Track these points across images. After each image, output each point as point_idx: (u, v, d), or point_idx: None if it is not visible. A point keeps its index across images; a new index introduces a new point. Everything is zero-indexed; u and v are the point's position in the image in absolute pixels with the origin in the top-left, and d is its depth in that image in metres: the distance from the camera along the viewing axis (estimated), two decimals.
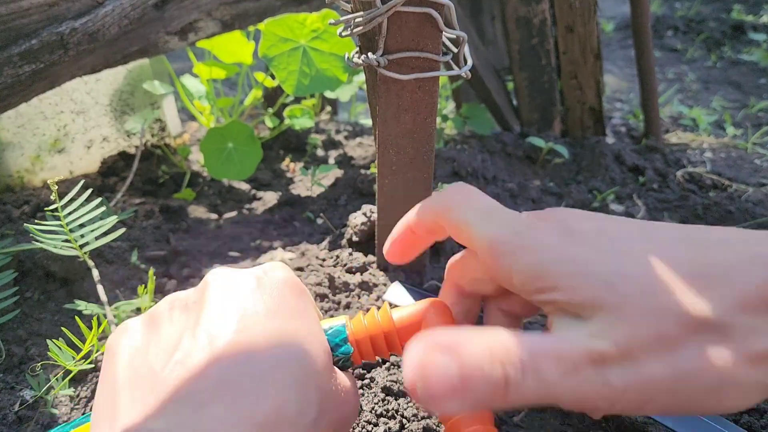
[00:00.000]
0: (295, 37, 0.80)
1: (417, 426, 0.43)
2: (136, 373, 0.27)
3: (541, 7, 0.96)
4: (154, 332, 0.30)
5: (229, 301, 0.29)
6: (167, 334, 0.29)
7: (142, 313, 0.32)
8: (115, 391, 0.27)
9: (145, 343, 0.29)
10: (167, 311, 0.31)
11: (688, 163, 1.06)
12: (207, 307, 0.29)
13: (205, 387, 0.25)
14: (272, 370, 0.26)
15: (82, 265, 0.64)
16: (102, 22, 0.62)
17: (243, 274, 0.31)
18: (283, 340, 0.28)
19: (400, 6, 0.40)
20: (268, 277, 0.31)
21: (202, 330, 0.28)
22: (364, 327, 0.34)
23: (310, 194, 0.92)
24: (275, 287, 0.31)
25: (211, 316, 0.28)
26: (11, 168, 0.87)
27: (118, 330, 0.31)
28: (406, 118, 0.48)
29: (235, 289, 0.30)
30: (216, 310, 0.29)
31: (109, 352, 0.30)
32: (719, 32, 2.10)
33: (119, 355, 0.29)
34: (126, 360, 0.28)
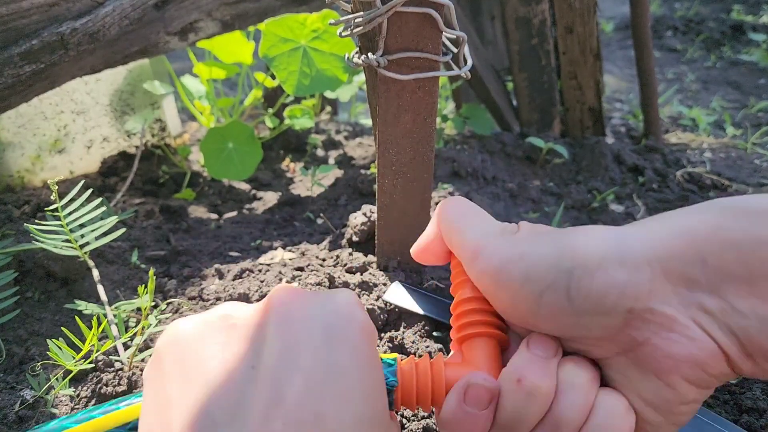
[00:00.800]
0: (296, 37, 0.80)
1: (417, 426, 0.43)
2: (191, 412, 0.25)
3: (541, 7, 0.96)
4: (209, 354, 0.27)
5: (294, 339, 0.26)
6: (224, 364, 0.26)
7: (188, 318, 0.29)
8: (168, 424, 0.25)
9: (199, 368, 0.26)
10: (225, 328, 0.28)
11: (688, 163, 1.06)
12: (269, 339, 0.26)
13: None
14: None
15: (83, 265, 0.64)
16: (102, 22, 0.62)
17: (313, 305, 0.28)
18: (350, 405, 0.25)
19: (400, 6, 0.40)
20: (342, 316, 0.28)
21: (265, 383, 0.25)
22: (411, 377, 0.31)
23: (310, 194, 0.92)
24: (350, 330, 0.27)
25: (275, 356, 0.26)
26: (12, 168, 0.87)
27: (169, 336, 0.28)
28: (406, 118, 0.48)
29: (302, 324, 0.27)
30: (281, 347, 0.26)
31: (160, 361, 0.27)
32: (719, 32, 2.11)
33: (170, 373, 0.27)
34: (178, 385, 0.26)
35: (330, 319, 0.27)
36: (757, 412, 0.46)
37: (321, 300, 0.28)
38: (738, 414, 0.46)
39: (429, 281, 0.58)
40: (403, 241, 0.58)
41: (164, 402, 0.26)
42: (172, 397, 0.26)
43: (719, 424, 0.41)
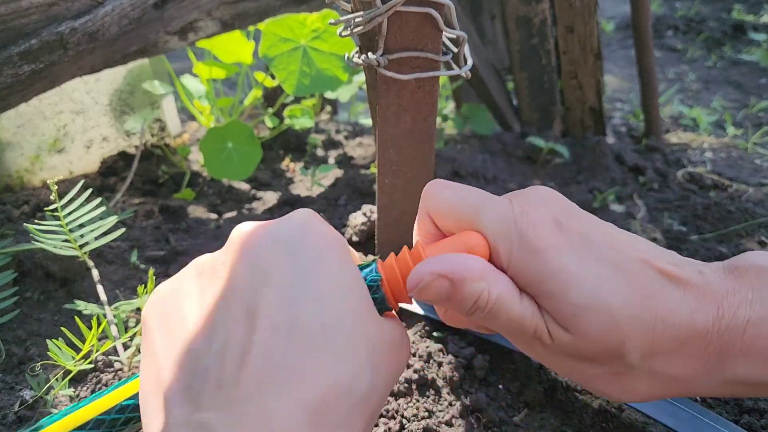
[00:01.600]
0: (296, 37, 0.80)
1: (417, 426, 0.43)
2: (177, 352, 0.26)
3: (541, 6, 0.96)
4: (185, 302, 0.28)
5: (260, 260, 0.27)
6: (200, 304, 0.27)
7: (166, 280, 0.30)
8: (159, 372, 0.26)
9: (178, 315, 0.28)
10: (195, 276, 0.29)
11: (689, 163, 1.06)
12: (237, 267, 0.27)
13: (250, 370, 0.24)
14: (318, 342, 0.25)
15: (82, 265, 0.64)
16: (101, 22, 0.62)
17: (272, 227, 0.29)
18: (325, 304, 0.26)
19: (400, 6, 0.40)
20: (302, 230, 0.29)
21: (237, 298, 0.26)
22: (393, 269, 0.31)
23: (310, 194, 0.92)
24: (312, 239, 0.28)
25: (244, 280, 0.27)
26: (11, 168, 0.87)
27: (150, 301, 0.30)
28: (406, 118, 0.48)
29: (265, 246, 0.28)
30: (248, 274, 0.27)
31: (145, 326, 0.29)
32: (719, 32, 2.10)
33: (154, 330, 0.28)
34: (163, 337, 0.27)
35: (290, 233, 0.29)
36: (758, 413, 0.46)
37: (278, 222, 0.30)
38: (738, 414, 0.46)
39: None
40: (403, 241, 0.58)
41: (152, 356, 0.27)
42: (157, 349, 0.27)
43: (719, 425, 0.41)
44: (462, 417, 0.44)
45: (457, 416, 0.44)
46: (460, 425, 0.43)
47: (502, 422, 0.44)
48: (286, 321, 0.25)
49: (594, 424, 0.45)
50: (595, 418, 0.45)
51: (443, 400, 0.45)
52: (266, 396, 0.23)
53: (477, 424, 0.44)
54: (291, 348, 0.25)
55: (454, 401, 0.45)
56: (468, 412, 0.44)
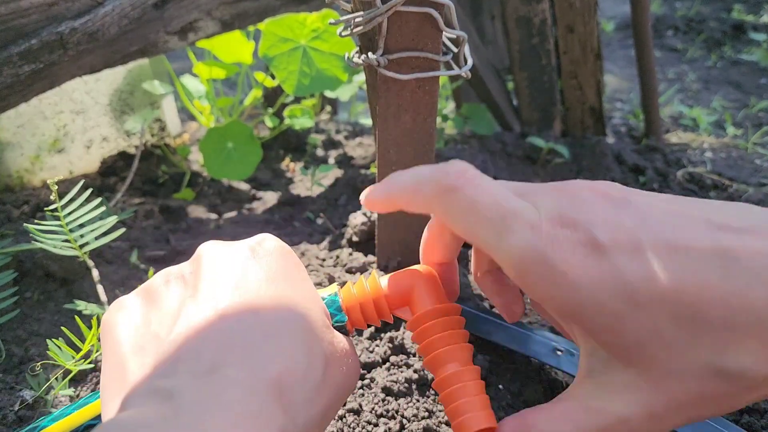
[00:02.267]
0: (295, 37, 0.80)
1: (417, 426, 0.43)
2: (141, 342, 0.27)
3: (542, 6, 0.96)
4: (153, 304, 0.29)
5: (226, 269, 0.29)
6: (167, 303, 0.29)
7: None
8: (122, 361, 0.27)
9: (145, 314, 0.29)
10: (163, 284, 0.30)
11: (689, 163, 1.06)
12: (204, 276, 0.29)
13: (214, 348, 0.25)
14: (278, 329, 0.26)
15: (82, 265, 0.64)
16: (101, 21, 0.62)
17: (235, 245, 0.31)
18: (285, 301, 0.28)
19: (400, 6, 0.40)
20: (262, 247, 0.31)
21: (203, 296, 0.28)
22: (353, 295, 0.34)
23: (310, 194, 0.92)
24: (270, 255, 0.31)
25: (210, 282, 0.28)
26: (11, 168, 0.87)
27: (113, 307, 0.30)
28: (406, 118, 0.48)
29: (230, 258, 0.30)
30: (214, 277, 0.29)
31: (107, 328, 0.29)
32: (719, 32, 2.10)
33: (120, 328, 0.29)
34: (128, 332, 0.28)
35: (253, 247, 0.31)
36: (758, 413, 0.46)
37: (249, 239, 0.32)
38: (739, 414, 0.46)
39: None
40: (403, 241, 0.58)
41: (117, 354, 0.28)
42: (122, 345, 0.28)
43: (719, 424, 0.40)
44: None
45: None
46: None
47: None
48: (250, 310, 0.27)
49: None
50: None
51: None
52: (228, 368, 0.24)
53: None
54: (253, 332, 0.26)
55: None
56: None
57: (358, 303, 0.34)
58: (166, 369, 0.24)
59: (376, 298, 0.34)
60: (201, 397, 0.23)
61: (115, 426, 0.22)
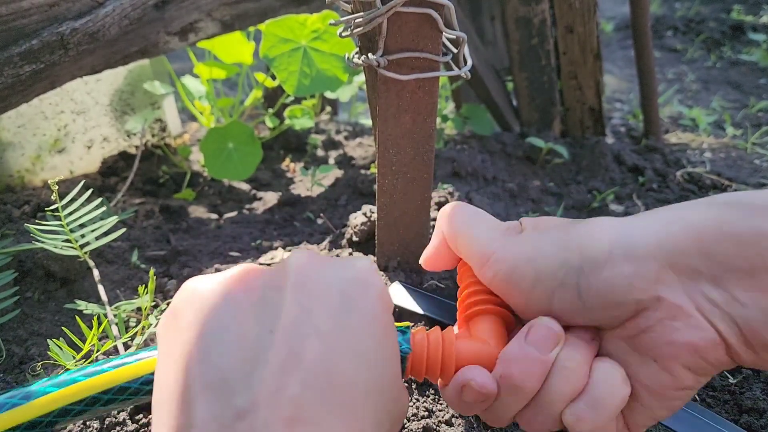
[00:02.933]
0: (296, 37, 0.80)
1: (417, 425, 0.43)
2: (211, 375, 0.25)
3: (541, 7, 0.96)
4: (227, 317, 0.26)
5: (312, 303, 0.27)
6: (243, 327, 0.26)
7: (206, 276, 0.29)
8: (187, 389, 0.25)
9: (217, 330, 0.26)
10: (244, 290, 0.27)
11: (688, 163, 1.06)
12: (287, 303, 0.26)
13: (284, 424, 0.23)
14: (355, 403, 0.25)
15: (83, 265, 0.64)
16: (102, 22, 0.62)
17: (332, 269, 0.29)
18: (369, 368, 0.26)
19: (400, 6, 0.40)
20: (360, 282, 0.28)
21: (283, 339, 0.25)
22: (423, 347, 0.32)
23: (310, 194, 0.92)
24: (367, 296, 0.28)
25: (293, 319, 0.26)
26: (12, 168, 0.87)
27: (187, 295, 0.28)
28: (406, 118, 0.49)
29: (320, 288, 0.27)
30: (298, 311, 0.26)
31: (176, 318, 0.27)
32: (719, 32, 2.10)
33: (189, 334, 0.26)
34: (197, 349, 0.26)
35: (348, 284, 0.28)
36: (757, 413, 0.46)
37: (339, 265, 0.29)
38: (738, 414, 0.46)
39: (429, 281, 0.58)
40: (403, 241, 0.58)
41: (181, 359, 0.26)
42: (189, 354, 0.25)
43: (719, 424, 0.41)
44: (461, 416, 0.44)
45: (457, 415, 0.44)
46: (460, 424, 0.43)
47: None
48: (326, 379, 0.25)
49: None
50: None
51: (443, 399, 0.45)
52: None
53: (477, 423, 0.44)
54: (323, 406, 0.24)
55: None
56: None
57: (425, 358, 0.32)
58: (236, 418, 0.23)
59: (447, 355, 0.32)
60: None
61: None
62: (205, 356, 0.25)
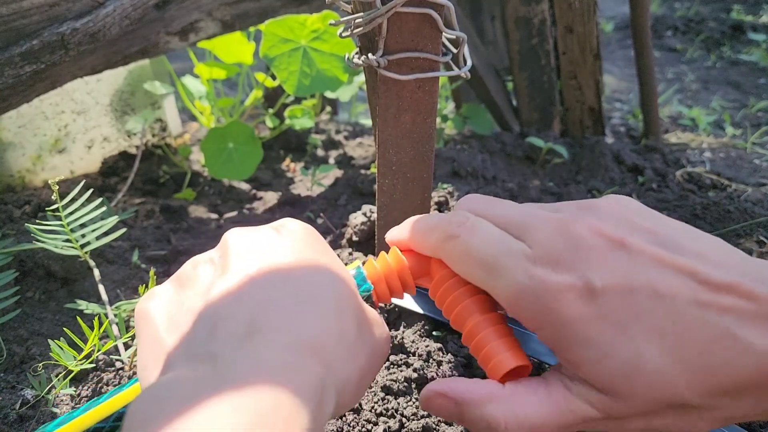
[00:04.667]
0: (296, 37, 0.80)
1: (417, 425, 0.43)
2: (176, 319, 0.27)
3: (541, 7, 0.96)
4: (184, 287, 0.30)
5: (254, 246, 0.29)
6: (198, 282, 0.29)
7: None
8: (158, 340, 0.27)
9: (177, 297, 0.29)
10: (191, 269, 0.31)
11: (688, 162, 1.06)
12: (232, 254, 0.29)
13: (249, 314, 0.25)
14: (309, 295, 0.27)
15: (83, 264, 0.64)
16: (103, 22, 0.62)
17: (260, 228, 0.31)
18: (315, 268, 0.29)
19: (399, 7, 0.40)
20: (285, 227, 0.32)
21: (233, 270, 0.28)
22: (377, 269, 0.35)
23: (310, 194, 0.93)
24: (295, 232, 0.31)
25: (238, 258, 0.28)
26: (12, 168, 0.87)
27: (145, 297, 0.31)
28: (406, 118, 0.49)
29: (256, 237, 0.30)
30: (242, 253, 0.29)
31: (141, 315, 0.29)
32: (719, 32, 2.11)
33: (152, 312, 0.29)
34: (161, 313, 0.28)
35: (276, 227, 0.31)
36: None
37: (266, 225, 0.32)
38: None
39: None
40: None
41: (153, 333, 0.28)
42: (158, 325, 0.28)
43: None
44: None
45: None
46: None
47: None
48: (282, 276, 0.27)
49: None
50: None
51: None
52: (267, 332, 0.25)
53: None
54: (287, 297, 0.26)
55: None
56: None
57: (383, 276, 0.35)
58: (204, 337, 0.25)
59: (400, 269, 0.35)
60: (242, 356, 0.23)
61: (156, 388, 0.22)
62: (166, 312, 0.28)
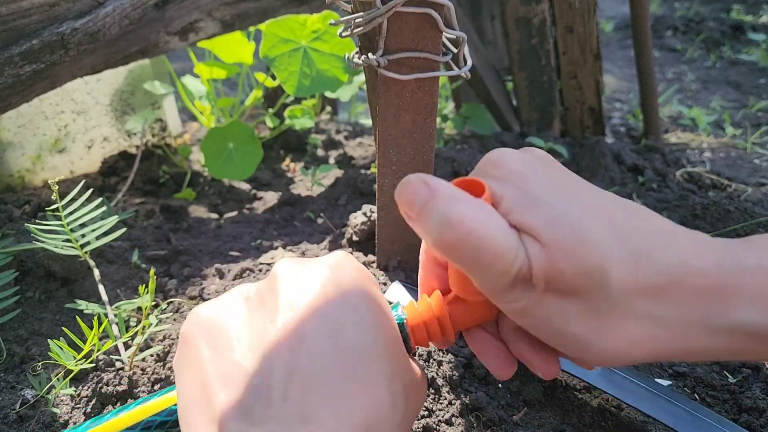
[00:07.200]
0: (296, 38, 0.80)
1: (417, 425, 0.43)
2: (228, 370, 0.27)
3: (541, 7, 0.96)
4: (233, 323, 0.29)
5: (305, 292, 0.28)
6: (248, 326, 0.28)
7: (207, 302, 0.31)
8: (208, 388, 0.26)
9: (227, 335, 0.28)
10: (243, 302, 0.30)
11: (688, 162, 1.06)
12: (283, 303, 0.28)
13: (302, 391, 0.25)
14: (364, 364, 0.26)
15: (83, 264, 0.64)
16: (102, 22, 0.62)
17: (313, 264, 0.30)
18: (368, 331, 0.28)
19: (400, 6, 0.40)
20: (340, 267, 0.30)
21: (285, 324, 0.27)
22: (417, 313, 0.34)
23: (310, 194, 0.93)
24: (350, 275, 0.30)
25: (289, 308, 0.28)
26: (12, 168, 0.87)
27: (193, 318, 0.30)
28: (406, 118, 0.49)
29: (308, 280, 0.29)
30: (293, 301, 0.28)
31: (190, 344, 0.29)
32: (719, 32, 2.11)
33: (202, 348, 0.28)
34: (212, 354, 0.28)
35: (329, 265, 0.30)
36: (757, 412, 0.46)
37: (318, 259, 0.31)
38: (737, 413, 0.46)
39: None
40: (403, 241, 0.58)
41: (197, 371, 0.28)
42: (204, 364, 0.27)
43: (719, 423, 0.41)
44: (462, 416, 0.44)
45: (457, 415, 0.44)
46: (460, 424, 0.44)
47: (502, 421, 0.44)
48: (331, 347, 0.26)
49: (593, 422, 0.45)
50: (594, 416, 0.45)
51: (443, 398, 0.46)
52: (315, 414, 0.25)
53: (477, 423, 0.44)
54: (335, 372, 0.26)
55: (454, 400, 0.45)
56: (468, 410, 0.45)
57: (422, 321, 0.33)
58: (258, 414, 0.25)
59: (441, 316, 0.33)
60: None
61: None
62: (217, 354, 0.27)
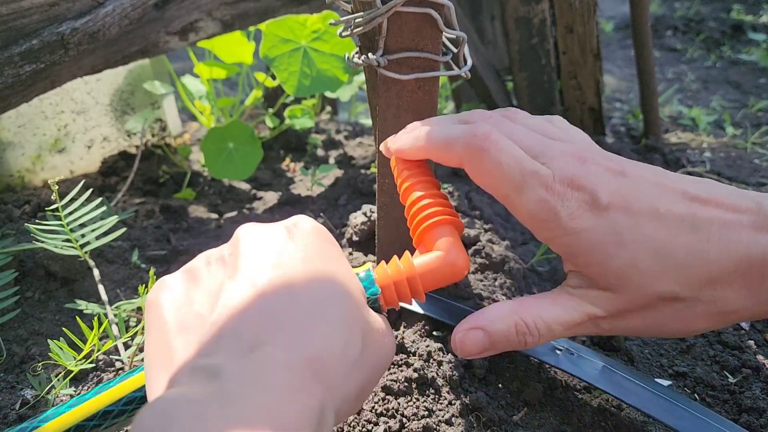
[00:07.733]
0: (296, 37, 0.80)
1: (417, 425, 0.43)
2: (185, 320, 0.28)
3: (541, 7, 0.96)
4: (194, 284, 0.30)
5: (263, 249, 0.30)
6: (208, 283, 0.30)
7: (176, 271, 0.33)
8: (167, 339, 0.28)
9: (187, 293, 0.30)
10: (204, 266, 0.31)
11: (688, 162, 1.06)
12: (243, 256, 0.30)
13: (254, 327, 0.26)
14: (317, 307, 0.28)
15: (83, 264, 0.64)
16: (102, 22, 0.62)
17: (273, 226, 0.32)
18: (324, 279, 0.29)
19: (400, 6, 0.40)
20: (298, 228, 0.32)
21: (242, 275, 0.28)
22: (387, 274, 0.35)
23: (310, 194, 0.93)
24: (306, 235, 0.32)
25: (248, 262, 0.29)
26: (12, 168, 0.87)
27: (157, 286, 0.31)
28: (406, 118, 0.49)
29: (267, 239, 0.31)
30: (252, 257, 0.29)
31: (152, 306, 0.30)
32: (719, 32, 2.10)
33: (163, 307, 0.30)
34: (172, 310, 0.29)
35: (288, 226, 0.32)
36: (757, 412, 0.46)
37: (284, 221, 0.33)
38: (737, 413, 0.46)
39: None
40: (403, 241, 0.58)
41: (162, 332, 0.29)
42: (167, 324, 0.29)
43: (719, 424, 0.41)
44: (462, 416, 0.44)
45: (457, 415, 0.44)
46: (460, 424, 0.44)
47: (502, 421, 0.44)
48: (289, 288, 0.28)
49: (593, 422, 0.45)
50: (595, 416, 0.45)
51: (443, 399, 0.46)
52: (269, 347, 0.25)
53: (477, 423, 0.44)
54: (292, 310, 0.27)
55: (454, 400, 0.45)
56: (468, 411, 0.45)
57: (392, 280, 0.35)
58: (210, 348, 0.26)
59: (410, 275, 0.35)
60: (244, 374, 0.24)
61: (164, 402, 0.23)
62: (175, 310, 0.29)
